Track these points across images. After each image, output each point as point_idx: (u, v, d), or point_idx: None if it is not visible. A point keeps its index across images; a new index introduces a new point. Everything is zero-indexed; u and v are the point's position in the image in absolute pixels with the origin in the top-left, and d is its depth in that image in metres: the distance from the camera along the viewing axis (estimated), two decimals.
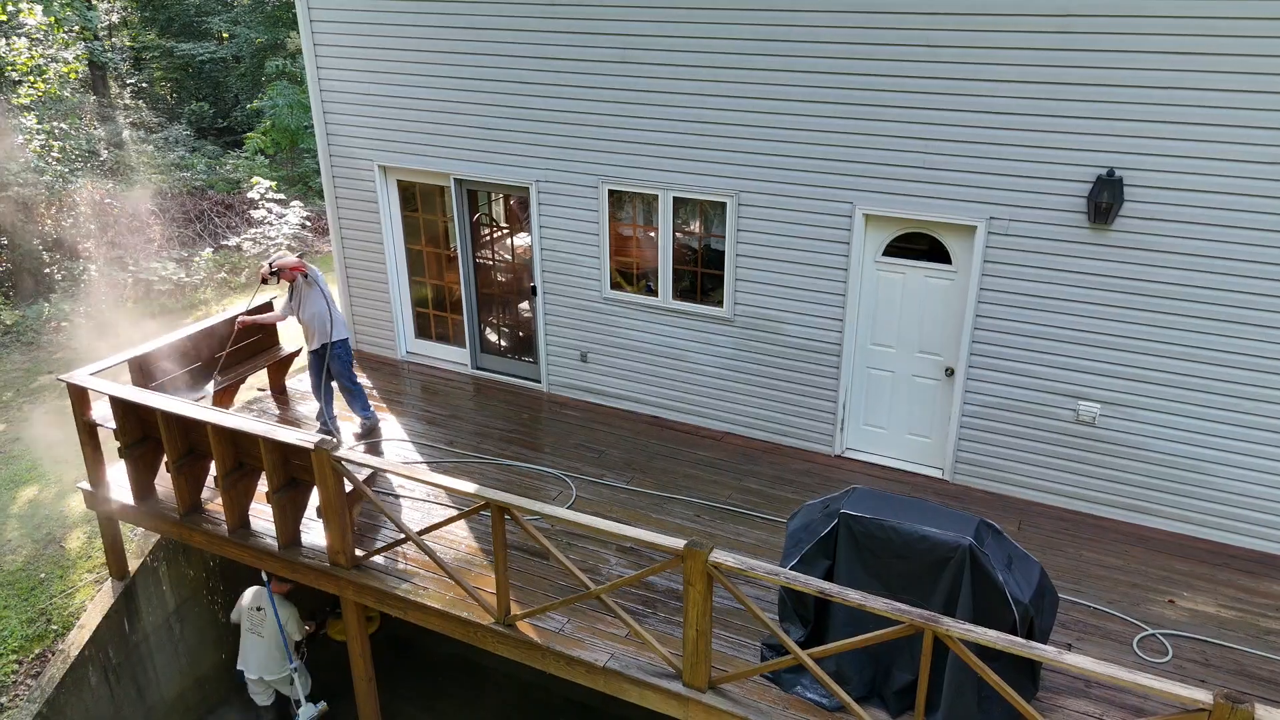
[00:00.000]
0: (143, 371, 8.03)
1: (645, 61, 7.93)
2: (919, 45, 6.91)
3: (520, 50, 8.42)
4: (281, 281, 8.14)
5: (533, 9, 8.21)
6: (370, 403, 8.92)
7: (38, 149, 15.19)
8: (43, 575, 8.31)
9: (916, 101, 7.05)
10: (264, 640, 7.78)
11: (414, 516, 7.47)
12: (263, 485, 7.16)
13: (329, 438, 6.49)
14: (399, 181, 9.69)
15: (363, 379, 9.49)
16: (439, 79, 8.90)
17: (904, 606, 4.82)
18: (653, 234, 8.51)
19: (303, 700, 7.84)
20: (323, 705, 7.94)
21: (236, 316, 8.64)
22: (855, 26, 7.07)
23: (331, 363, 8.26)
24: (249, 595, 7.87)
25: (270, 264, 7.98)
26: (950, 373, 7.72)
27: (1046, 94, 6.65)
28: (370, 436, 8.63)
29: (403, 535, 6.39)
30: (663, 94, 7.95)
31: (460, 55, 8.72)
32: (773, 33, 7.36)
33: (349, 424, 8.77)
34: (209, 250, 15.86)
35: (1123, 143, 6.56)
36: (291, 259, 8.02)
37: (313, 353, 8.32)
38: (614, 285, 8.84)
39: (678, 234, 8.42)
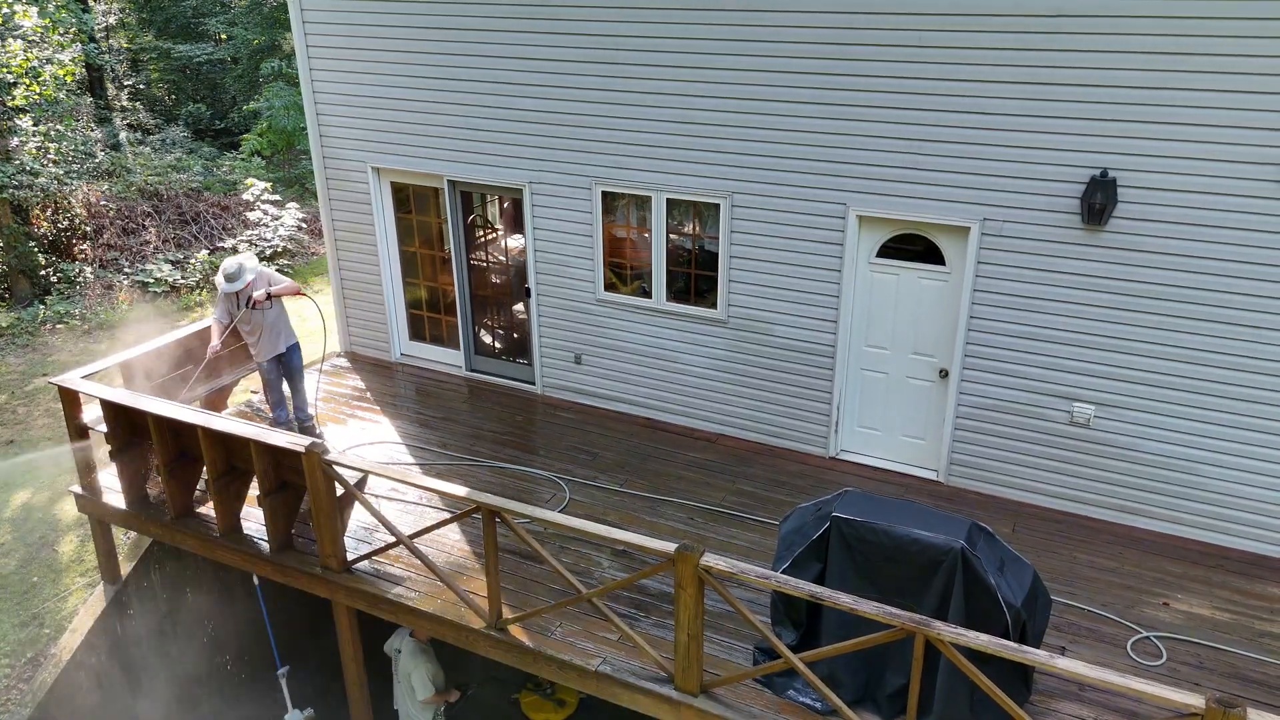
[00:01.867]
0: (135, 375, 8.01)
1: (639, 63, 7.91)
2: (912, 46, 6.89)
3: (514, 51, 8.39)
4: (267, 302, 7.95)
5: (526, 10, 8.19)
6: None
7: (33, 151, 15.17)
8: (35, 579, 8.29)
9: (910, 103, 7.03)
10: (400, 688, 7.31)
11: (406, 520, 7.44)
12: (254, 489, 7.14)
13: (320, 440, 6.47)
14: (392, 183, 9.67)
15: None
16: (432, 80, 8.88)
17: (895, 610, 4.80)
18: (646, 235, 8.49)
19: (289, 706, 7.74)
20: (310, 712, 7.83)
21: (212, 349, 8.03)
22: (849, 27, 7.05)
23: (292, 359, 8.22)
24: (395, 635, 7.33)
25: (269, 292, 7.85)
26: (944, 374, 7.70)
27: (1040, 95, 6.63)
28: (312, 434, 8.48)
29: (394, 539, 6.37)
30: (656, 95, 7.93)
31: (453, 56, 8.70)
32: (766, 33, 7.34)
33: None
34: (205, 252, 15.84)
35: (1116, 143, 6.53)
36: (282, 283, 8.04)
37: (274, 359, 8.11)
38: (608, 287, 8.83)
39: (671, 235, 8.39)
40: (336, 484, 6.45)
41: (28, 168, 14.78)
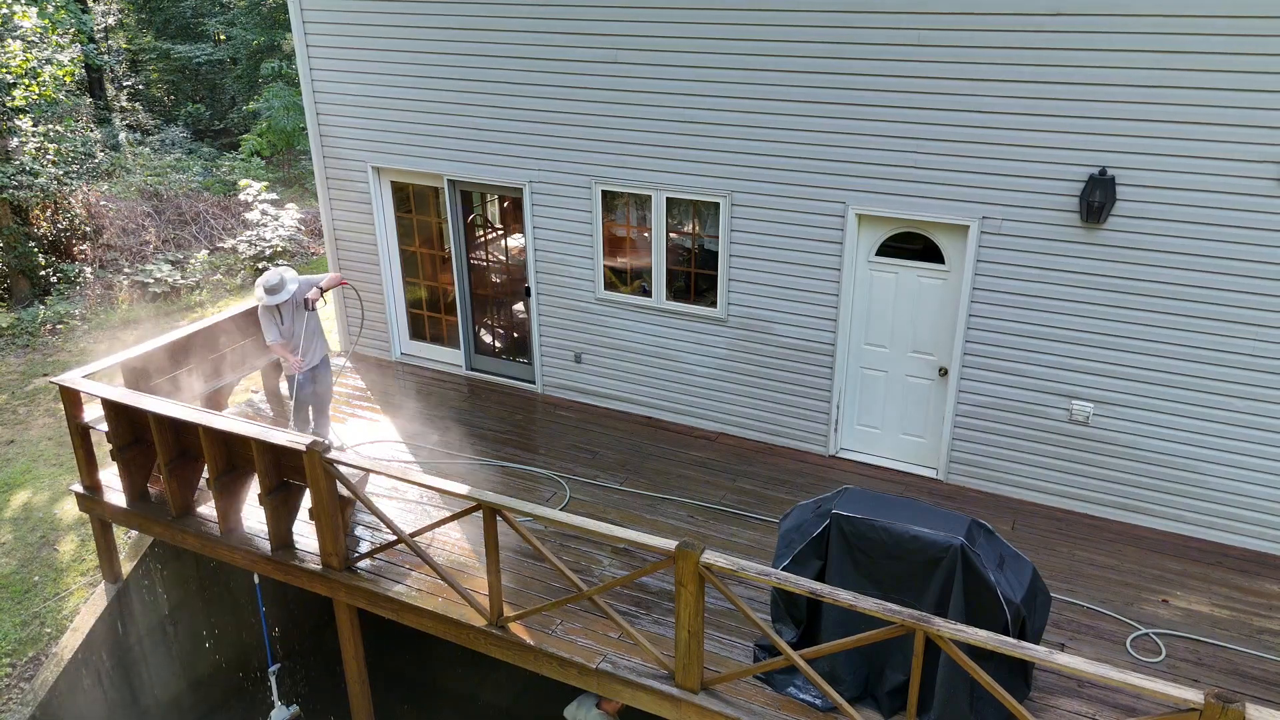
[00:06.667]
0: (135, 374, 8.02)
1: (638, 62, 7.92)
2: (911, 45, 6.90)
3: (513, 51, 8.41)
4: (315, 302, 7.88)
5: (525, 9, 8.20)
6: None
7: (33, 151, 15.17)
8: (36, 578, 8.30)
9: (909, 101, 7.05)
10: None
11: (407, 518, 7.46)
12: (255, 487, 7.15)
13: (320, 439, 6.48)
14: (392, 183, 9.68)
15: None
16: (432, 79, 8.90)
17: (895, 607, 4.81)
18: (646, 234, 8.50)
19: (276, 701, 7.74)
20: (295, 708, 7.80)
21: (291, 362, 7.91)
22: (848, 26, 7.07)
23: (325, 376, 8.11)
24: (576, 703, 6.76)
25: (320, 288, 7.83)
26: (944, 372, 7.72)
27: (1039, 93, 6.65)
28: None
29: (395, 537, 6.38)
30: (655, 94, 7.95)
31: (453, 56, 8.71)
32: (765, 32, 7.35)
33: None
34: (204, 252, 15.84)
35: (1115, 142, 6.55)
36: (324, 278, 8.01)
37: (309, 371, 7.95)
38: (608, 286, 8.84)
39: (671, 234, 8.41)
40: (337, 482, 6.46)
41: (27, 168, 14.78)
